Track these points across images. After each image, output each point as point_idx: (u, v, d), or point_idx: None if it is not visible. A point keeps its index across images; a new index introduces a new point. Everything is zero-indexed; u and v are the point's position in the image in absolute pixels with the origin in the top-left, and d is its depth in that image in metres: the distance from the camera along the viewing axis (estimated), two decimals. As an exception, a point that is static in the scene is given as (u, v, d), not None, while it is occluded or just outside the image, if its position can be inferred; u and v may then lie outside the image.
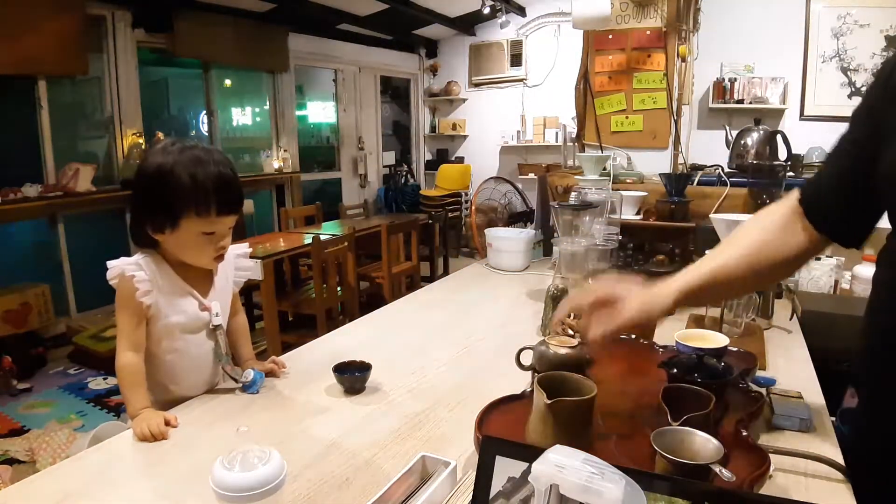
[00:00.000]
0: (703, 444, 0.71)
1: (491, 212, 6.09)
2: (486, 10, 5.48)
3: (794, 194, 0.87)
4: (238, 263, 1.23)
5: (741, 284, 0.90)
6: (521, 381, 1.03)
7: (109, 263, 1.05)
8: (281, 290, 3.41)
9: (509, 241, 2.24)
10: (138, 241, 1.10)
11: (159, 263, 1.08)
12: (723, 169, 2.53)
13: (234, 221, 1.10)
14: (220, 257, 1.11)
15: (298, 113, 6.01)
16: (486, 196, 6.21)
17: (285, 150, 5.62)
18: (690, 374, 0.92)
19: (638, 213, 2.07)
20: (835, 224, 0.83)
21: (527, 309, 1.72)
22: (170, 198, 1.02)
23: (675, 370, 0.94)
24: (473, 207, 6.02)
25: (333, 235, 3.48)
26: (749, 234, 0.88)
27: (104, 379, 3.32)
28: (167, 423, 0.98)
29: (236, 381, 1.15)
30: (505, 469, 0.61)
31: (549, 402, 0.75)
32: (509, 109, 6.61)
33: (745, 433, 0.81)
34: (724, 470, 0.67)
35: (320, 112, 6.70)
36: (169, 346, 1.09)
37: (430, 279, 4.47)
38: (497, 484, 0.61)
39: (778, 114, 4.68)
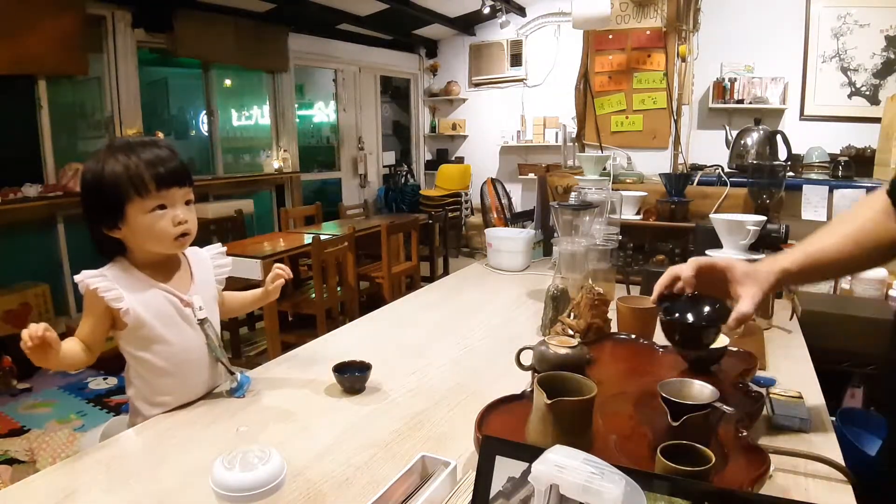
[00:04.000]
0: (700, 390, 0.81)
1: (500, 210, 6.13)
2: (486, 10, 5.48)
3: (884, 187, 0.90)
4: (216, 262, 1.23)
5: (845, 264, 0.93)
6: (521, 381, 1.03)
7: (75, 278, 1.02)
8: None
9: (509, 241, 2.24)
10: (102, 251, 1.08)
11: (128, 269, 1.06)
12: (723, 169, 2.53)
13: (185, 196, 1.07)
14: (183, 236, 1.07)
15: (298, 113, 6.01)
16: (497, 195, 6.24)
17: (285, 150, 5.61)
18: (685, 313, 0.93)
19: (638, 213, 2.07)
20: None
21: (527, 309, 1.72)
22: (109, 190, 1.01)
23: (671, 311, 0.94)
24: (494, 207, 6.03)
25: (333, 235, 3.47)
26: (852, 218, 0.91)
27: (104, 379, 3.32)
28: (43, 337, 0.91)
29: (231, 373, 1.15)
30: (505, 469, 0.61)
31: (549, 402, 0.75)
32: (509, 109, 6.61)
33: (744, 433, 0.81)
34: (724, 406, 0.74)
35: (320, 112, 6.69)
36: (161, 350, 1.07)
37: (430, 279, 4.47)
38: (497, 484, 0.61)
39: (778, 114, 4.69)
